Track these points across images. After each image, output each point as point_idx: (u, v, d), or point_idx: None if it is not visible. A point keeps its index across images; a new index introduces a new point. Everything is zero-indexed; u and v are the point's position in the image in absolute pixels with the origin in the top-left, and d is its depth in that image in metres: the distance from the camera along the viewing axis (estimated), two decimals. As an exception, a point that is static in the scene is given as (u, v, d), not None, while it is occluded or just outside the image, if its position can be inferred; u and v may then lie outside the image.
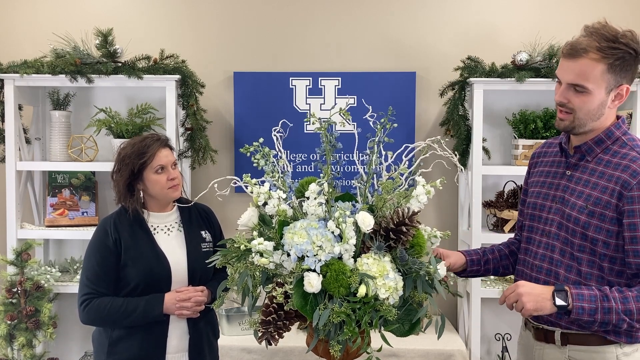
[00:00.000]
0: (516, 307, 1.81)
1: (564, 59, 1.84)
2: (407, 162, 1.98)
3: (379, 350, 1.82)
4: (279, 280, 1.82)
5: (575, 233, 1.86)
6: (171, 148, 2.42)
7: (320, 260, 1.76)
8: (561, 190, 1.93)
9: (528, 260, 2.03)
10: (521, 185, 3.38)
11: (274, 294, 1.78)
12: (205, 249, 2.42)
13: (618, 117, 1.90)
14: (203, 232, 2.46)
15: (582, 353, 1.88)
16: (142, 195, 2.37)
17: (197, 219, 2.48)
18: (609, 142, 1.87)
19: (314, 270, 1.76)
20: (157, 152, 2.33)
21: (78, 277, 3.30)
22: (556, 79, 1.89)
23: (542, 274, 1.95)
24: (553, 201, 1.95)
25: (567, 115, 1.85)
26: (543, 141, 2.22)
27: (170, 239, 2.40)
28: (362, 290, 1.73)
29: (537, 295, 1.77)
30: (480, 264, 2.16)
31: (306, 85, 3.54)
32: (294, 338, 2.78)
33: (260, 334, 1.80)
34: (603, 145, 1.87)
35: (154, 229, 2.39)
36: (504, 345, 3.38)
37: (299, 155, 3.53)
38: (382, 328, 1.83)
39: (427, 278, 1.82)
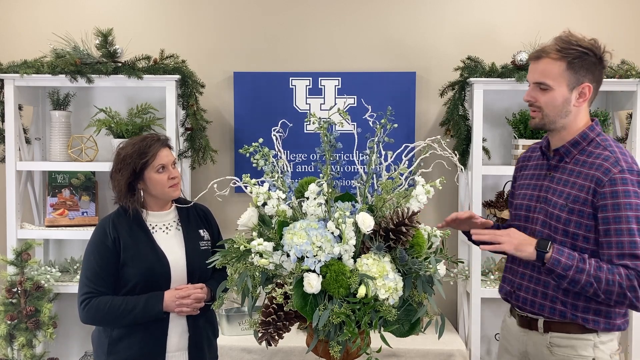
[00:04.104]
0: (494, 239, 1.93)
1: (531, 63, 2.05)
2: (407, 162, 1.98)
3: (379, 350, 1.82)
4: (278, 280, 1.82)
5: (557, 230, 1.99)
6: (170, 147, 2.43)
7: (319, 261, 1.76)
8: (544, 191, 2.08)
9: (515, 257, 2.10)
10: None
11: (273, 294, 1.78)
12: (203, 248, 2.43)
13: (592, 120, 2.06)
14: (201, 231, 2.47)
15: (563, 340, 2.02)
16: (142, 194, 2.38)
17: (195, 218, 2.49)
18: (584, 143, 2.02)
19: (314, 271, 1.76)
20: (158, 151, 2.35)
21: (78, 277, 3.30)
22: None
23: (527, 269, 2.11)
24: (537, 202, 2.09)
25: (537, 113, 2.03)
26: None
27: (168, 238, 2.40)
28: (361, 291, 1.73)
29: (520, 241, 1.93)
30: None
31: (306, 85, 3.54)
32: (294, 338, 2.78)
33: (260, 335, 1.80)
34: (579, 147, 2.02)
35: (152, 227, 2.40)
36: (504, 345, 3.38)
37: (299, 155, 3.53)
38: (382, 328, 1.83)
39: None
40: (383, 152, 1.97)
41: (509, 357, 2.24)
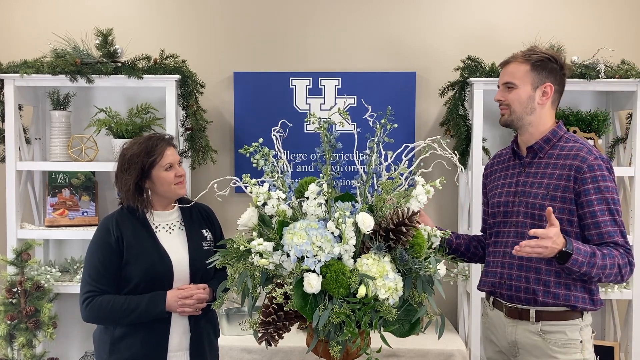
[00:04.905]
0: (536, 247, 1.97)
1: (501, 69, 2.31)
2: (407, 162, 1.98)
3: (379, 350, 1.82)
4: (278, 280, 1.82)
5: (542, 218, 2.14)
6: (175, 147, 2.46)
7: (319, 261, 1.76)
8: (521, 186, 2.25)
9: (499, 250, 2.30)
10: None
11: (273, 294, 1.78)
12: (206, 247, 2.43)
13: (557, 121, 2.29)
14: (204, 231, 2.47)
15: (553, 326, 2.18)
16: (149, 194, 2.39)
17: (198, 218, 2.49)
18: (555, 140, 2.24)
19: (314, 271, 1.76)
20: (165, 150, 2.37)
21: (78, 277, 3.30)
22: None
23: (515, 259, 2.23)
24: (515, 196, 2.26)
25: (506, 110, 2.27)
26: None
27: (172, 237, 2.41)
28: (361, 291, 1.73)
29: (551, 251, 1.99)
30: (451, 237, 2.40)
31: (306, 85, 3.54)
32: (294, 338, 2.78)
33: (260, 335, 1.80)
34: (550, 143, 2.24)
35: (156, 227, 2.40)
36: (504, 345, 3.38)
37: (299, 155, 3.53)
38: (382, 328, 1.83)
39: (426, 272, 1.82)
40: (383, 152, 1.97)
41: (495, 348, 2.36)
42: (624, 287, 3.26)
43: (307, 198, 1.89)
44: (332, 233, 1.80)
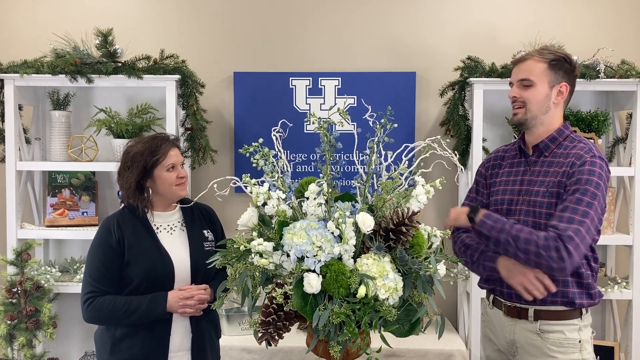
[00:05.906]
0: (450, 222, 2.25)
1: (514, 68, 2.29)
2: (407, 162, 1.98)
3: (379, 350, 1.82)
4: (278, 280, 1.82)
5: (542, 215, 2.16)
6: (179, 148, 2.46)
7: (319, 261, 1.76)
8: (526, 184, 2.26)
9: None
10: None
11: (273, 294, 1.78)
12: (207, 248, 2.43)
13: (564, 122, 2.29)
14: (205, 232, 2.47)
15: (552, 326, 2.18)
16: (150, 193, 2.39)
17: (200, 219, 2.49)
18: (561, 139, 2.24)
19: (314, 271, 1.76)
20: (169, 150, 2.37)
21: (78, 277, 3.30)
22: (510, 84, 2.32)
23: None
24: (519, 194, 2.26)
25: (521, 109, 2.24)
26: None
27: (173, 238, 2.41)
28: (361, 291, 1.73)
29: (459, 212, 2.21)
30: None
31: (306, 85, 3.54)
32: (294, 338, 2.78)
33: (260, 335, 1.80)
34: (556, 142, 2.24)
35: (157, 227, 2.40)
36: (504, 345, 3.38)
37: (299, 155, 3.53)
38: (382, 328, 1.83)
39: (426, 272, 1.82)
40: (383, 152, 1.97)
41: (494, 347, 2.37)
42: (624, 287, 3.26)
43: (307, 198, 1.89)
44: (332, 233, 1.80)
